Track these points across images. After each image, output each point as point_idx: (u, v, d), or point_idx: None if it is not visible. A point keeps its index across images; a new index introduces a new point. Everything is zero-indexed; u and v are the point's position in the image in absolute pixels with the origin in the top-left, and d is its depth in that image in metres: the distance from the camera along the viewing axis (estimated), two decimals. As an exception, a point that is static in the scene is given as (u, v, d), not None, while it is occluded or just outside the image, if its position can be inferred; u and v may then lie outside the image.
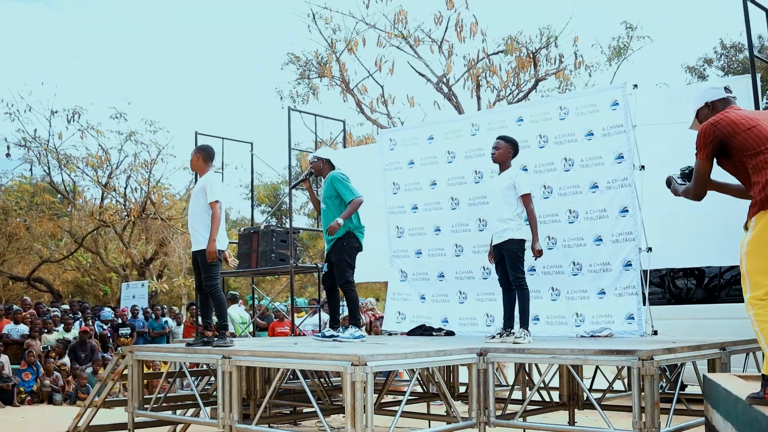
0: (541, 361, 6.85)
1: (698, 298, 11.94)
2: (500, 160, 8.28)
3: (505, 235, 8.06)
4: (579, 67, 15.92)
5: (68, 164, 23.28)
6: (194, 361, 7.72)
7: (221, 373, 6.99)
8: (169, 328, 18.11)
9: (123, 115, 23.09)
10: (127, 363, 8.13)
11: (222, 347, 7.39)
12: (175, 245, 23.18)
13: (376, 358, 6.02)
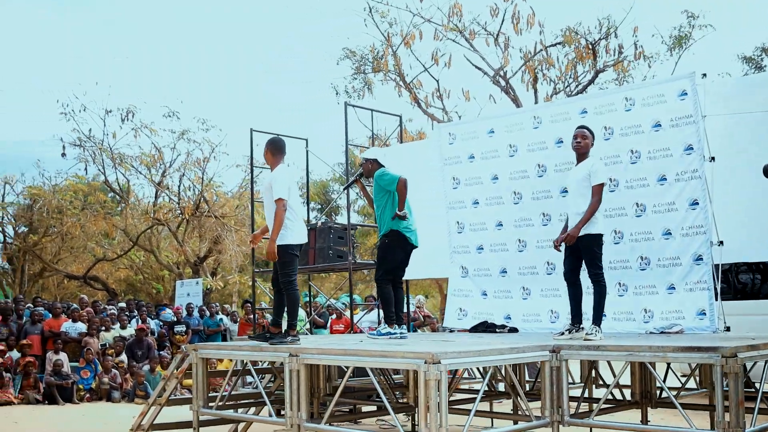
0: (616, 359, 6.66)
1: (766, 293, 11.62)
2: (586, 150, 8.05)
3: (583, 230, 7.81)
4: (639, 57, 15.57)
5: (122, 163, 23.43)
6: (260, 359, 7.66)
7: (288, 371, 6.89)
8: (224, 326, 18.12)
9: (176, 114, 23.23)
10: (191, 361, 8.07)
11: (288, 345, 7.30)
12: (228, 243, 23.21)
13: (449, 356, 5.89)
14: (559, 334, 7.83)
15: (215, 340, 17.69)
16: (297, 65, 69.17)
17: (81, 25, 61.00)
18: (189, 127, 23.87)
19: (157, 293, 28.66)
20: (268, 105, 65.90)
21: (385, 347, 6.59)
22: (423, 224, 10.90)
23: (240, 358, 7.70)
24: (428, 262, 11.38)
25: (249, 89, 69.04)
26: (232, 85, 69.26)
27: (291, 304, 7.90)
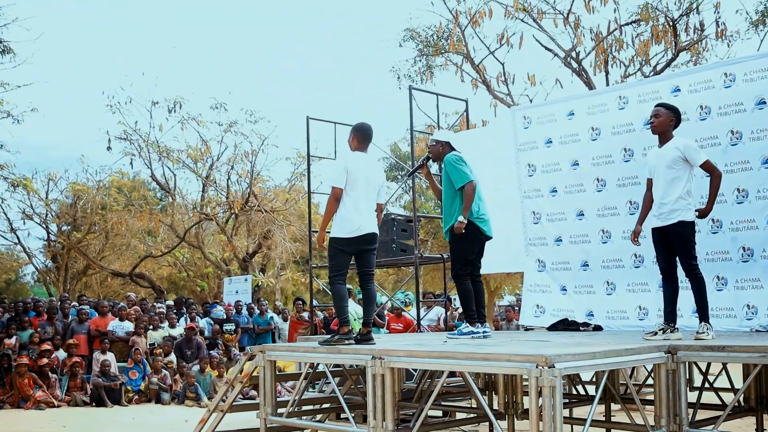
0: (747, 361, 5.86)
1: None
2: (661, 129, 7.20)
3: (673, 217, 6.97)
4: (721, 36, 14.62)
5: (168, 156, 22.85)
6: (338, 362, 6.97)
7: (371, 375, 6.20)
8: (274, 324, 17.51)
9: (223, 105, 22.58)
10: (258, 364, 7.40)
11: (370, 346, 6.61)
12: (279, 238, 22.56)
13: (564, 359, 5.15)
14: (651, 333, 7.01)
15: (265, 339, 17.12)
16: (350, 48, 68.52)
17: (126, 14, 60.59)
18: (237, 119, 23.35)
19: (202, 291, 28.17)
20: (321, 94, 65.31)
21: (491, 349, 5.87)
22: (495, 215, 10.17)
23: (314, 361, 7.02)
24: (501, 256, 10.64)
25: (301, 76, 68.62)
26: (280, 75, 68.88)
27: (335, 301, 7.32)
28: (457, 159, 7.90)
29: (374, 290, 7.43)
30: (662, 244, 7.11)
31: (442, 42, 16.90)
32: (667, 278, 7.17)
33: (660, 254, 7.18)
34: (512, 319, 14.74)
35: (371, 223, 7.30)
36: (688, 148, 7.00)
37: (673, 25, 14.76)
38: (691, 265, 6.94)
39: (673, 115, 7.17)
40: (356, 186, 7.23)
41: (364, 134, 7.52)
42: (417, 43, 17.35)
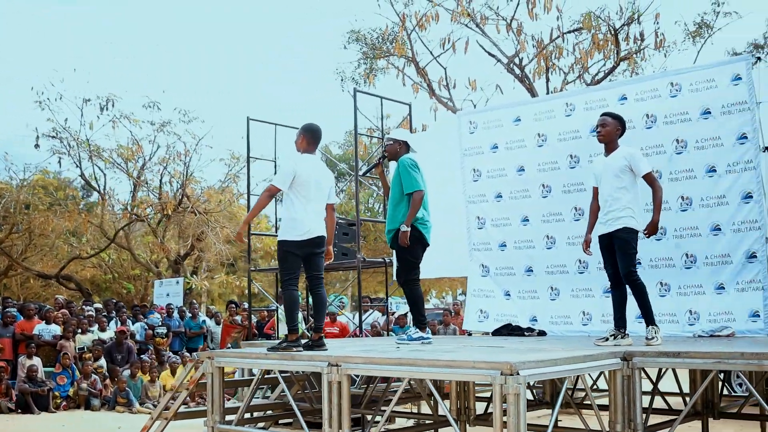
0: (702, 366, 5.94)
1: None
2: (608, 139, 7.26)
3: (619, 223, 7.04)
4: (660, 46, 14.90)
5: (98, 155, 22.21)
6: (292, 368, 6.83)
7: (327, 382, 6.09)
8: (207, 328, 17.19)
9: (156, 104, 22.11)
10: (205, 370, 7.21)
11: (326, 353, 6.49)
12: (212, 240, 22.13)
13: (528, 366, 5.13)
14: (602, 339, 7.09)
15: (197, 342, 16.82)
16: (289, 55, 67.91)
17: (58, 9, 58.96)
18: (170, 118, 22.88)
19: (128, 293, 27.51)
20: (256, 95, 64.56)
21: (448, 356, 5.81)
22: (439, 219, 10.19)
23: (267, 368, 6.86)
24: (444, 261, 10.68)
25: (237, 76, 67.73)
26: (215, 73, 67.85)
27: (286, 306, 7.17)
28: (412, 164, 7.91)
29: (324, 294, 7.30)
30: (609, 251, 7.18)
31: (387, 45, 16.85)
32: (615, 284, 7.23)
33: (607, 261, 7.24)
34: (449, 323, 14.75)
35: (320, 226, 7.17)
36: (634, 157, 7.09)
37: (615, 34, 14.98)
38: (630, 272, 7.01)
39: (619, 124, 7.27)
40: (306, 188, 7.08)
41: (313, 135, 7.37)
42: (362, 46, 17.27)
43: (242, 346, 9.10)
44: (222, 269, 23.49)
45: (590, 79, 15.60)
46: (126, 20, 58.59)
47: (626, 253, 7.06)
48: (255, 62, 68.88)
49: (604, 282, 9.11)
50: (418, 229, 7.95)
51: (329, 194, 7.31)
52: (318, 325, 7.08)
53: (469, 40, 15.78)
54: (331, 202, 7.35)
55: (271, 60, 69.41)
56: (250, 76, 68.41)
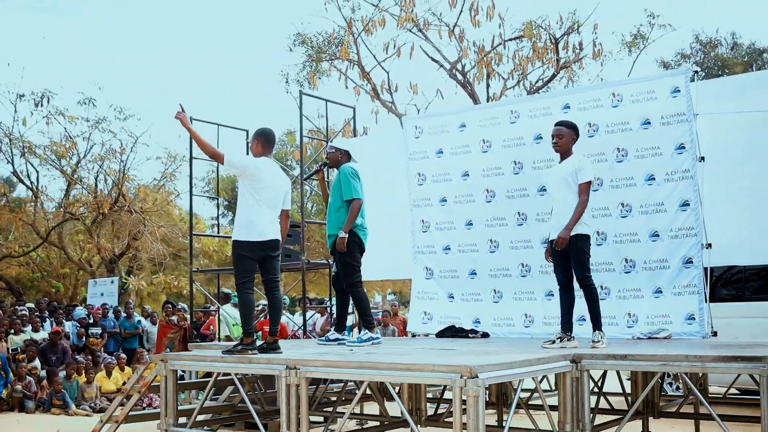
0: (648, 369, 6.18)
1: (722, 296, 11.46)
2: (564, 148, 7.54)
3: None
4: (598, 56, 15.32)
5: (32, 151, 21.68)
6: (250, 371, 6.87)
7: (285, 385, 6.17)
8: (142, 328, 17.01)
9: (92, 101, 21.67)
10: (159, 373, 7.21)
11: (283, 356, 6.57)
12: (149, 239, 21.79)
13: (486, 369, 5.30)
14: (549, 342, 7.32)
15: (132, 343, 16.62)
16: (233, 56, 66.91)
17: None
18: (105, 115, 22.40)
19: (57, 292, 26.92)
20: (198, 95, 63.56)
21: (408, 359, 5.94)
22: (384, 223, 10.41)
23: (224, 371, 6.89)
24: (389, 263, 10.89)
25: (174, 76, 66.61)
26: (155, 71, 66.62)
27: (241, 309, 7.28)
28: (354, 173, 8.18)
29: (280, 298, 7.37)
30: (560, 255, 7.40)
31: (332, 48, 16.91)
32: (565, 288, 7.47)
33: (558, 265, 7.47)
34: (388, 324, 14.90)
35: (275, 230, 7.23)
36: (580, 165, 7.35)
37: (555, 43, 15.32)
38: (585, 276, 7.27)
39: (574, 132, 7.53)
40: (262, 190, 7.14)
41: (266, 138, 7.44)
42: (307, 48, 17.28)
43: (189, 347, 9.06)
44: (159, 269, 23.18)
45: (530, 87, 15.94)
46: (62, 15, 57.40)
47: (580, 259, 7.31)
48: (198, 62, 67.95)
49: (546, 285, 9.46)
50: (358, 234, 8.23)
51: (285, 200, 7.37)
52: (273, 328, 7.15)
53: (414, 46, 16.03)
54: (286, 208, 7.41)
55: (214, 60, 68.59)
56: (193, 75, 67.52)
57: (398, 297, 52.93)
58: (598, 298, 7.42)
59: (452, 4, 15.47)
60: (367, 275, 11.34)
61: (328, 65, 16.85)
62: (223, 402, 8.45)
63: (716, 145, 8.53)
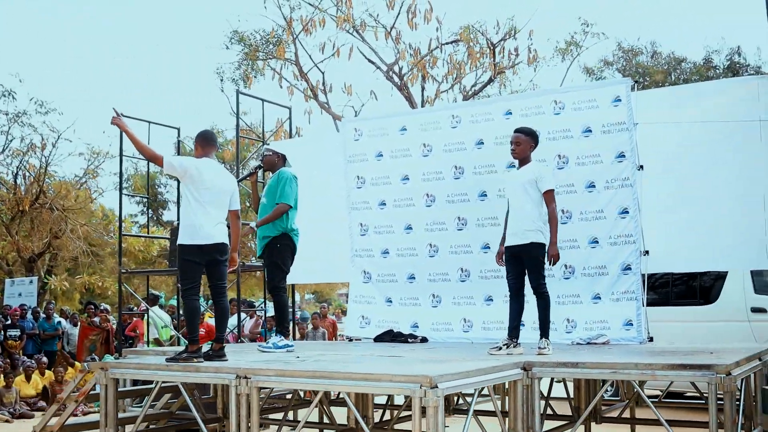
0: (598, 376, 6.26)
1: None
2: (522, 155, 7.60)
3: (528, 237, 7.36)
4: (534, 61, 15.47)
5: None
6: (197, 381, 6.68)
7: (235, 395, 6.03)
8: (63, 329, 16.47)
9: (12, 93, 20.77)
10: (98, 381, 6.97)
11: (230, 365, 6.42)
12: (71, 238, 21.03)
13: (446, 379, 5.27)
14: (496, 348, 7.34)
15: (52, 345, 16.09)
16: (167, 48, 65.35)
17: None
18: (26, 109, 21.49)
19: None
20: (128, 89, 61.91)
21: (364, 368, 5.87)
22: (320, 225, 10.32)
23: (169, 380, 6.69)
24: (325, 266, 10.80)
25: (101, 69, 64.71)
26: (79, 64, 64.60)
27: (186, 316, 7.06)
28: (291, 179, 8.19)
29: (226, 304, 7.20)
30: (514, 262, 7.44)
31: (270, 47, 16.65)
32: (515, 294, 7.51)
33: (511, 271, 7.50)
34: (318, 326, 14.78)
35: (222, 233, 7.04)
36: (541, 173, 7.42)
37: (492, 48, 15.41)
38: (540, 284, 7.33)
39: (532, 139, 7.58)
40: (205, 191, 6.95)
41: (205, 139, 7.29)
42: (243, 47, 16.97)
43: (124, 353, 8.81)
44: (82, 269, 22.47)
45: (465, 91, 16.01)
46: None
47: (536, 267, 7.36)
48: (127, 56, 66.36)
49: (485, 290, 9.52)
50: (292, 239, 8.20)
51: (231, 200, 7.17)
52: (219, 335, 6.98)
53: (353, 47, 15.92)
54: (234, 209, 7.22)
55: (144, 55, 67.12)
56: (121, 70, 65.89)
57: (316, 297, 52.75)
58: (550, 307, 7.50)
59: (390, 6, 15.53)
60: (303, 278, 11.33)
61: (262, 64, 16.64)
62: (160, 409, 8.21)
63: (655, 154, 8.70)
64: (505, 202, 9.14)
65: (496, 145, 9.40)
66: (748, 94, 8.47)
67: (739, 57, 23.97)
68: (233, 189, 7.23)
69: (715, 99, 8.76)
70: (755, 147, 8.32)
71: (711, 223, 8.54)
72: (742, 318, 10.73)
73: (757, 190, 8.31)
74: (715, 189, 8.55)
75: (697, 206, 8.59)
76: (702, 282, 11.33)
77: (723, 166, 8.54)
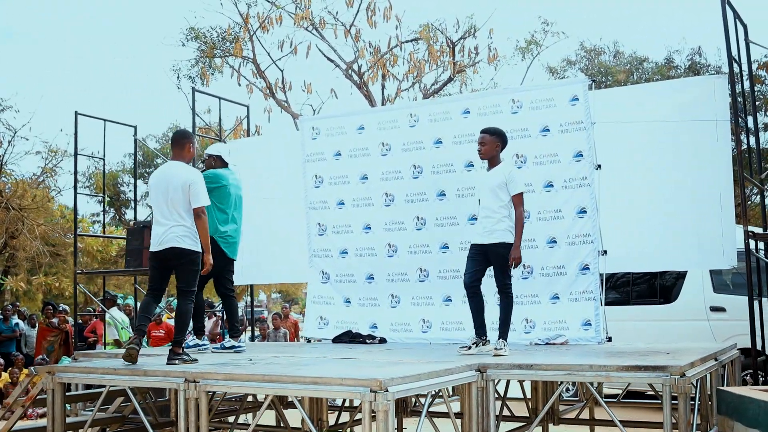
0: (553, 378, 6.21)
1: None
2: (488, 155, 7.55)
3: (495, 237, 7.33)
4: (494, 60, 15.41)
5: None
6: (145, 385, 6.54)
7: (184, 399, 5.90)
8: (20, 331, 16.18)
9: (-33, 91, 20.34)
10: (45, 386, 6.79)
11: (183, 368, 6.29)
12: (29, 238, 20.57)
13: (396, 382, 5.18)
14: (465, 348, 7.31)
15: (9, 347, 15.80)
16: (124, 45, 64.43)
17: None
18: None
19: None
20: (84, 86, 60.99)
21: (313, 372, 5.75)
22: (279, 225, 10.22)
23: (117, 385, 6.54)
24: (284, 266, 10.71)
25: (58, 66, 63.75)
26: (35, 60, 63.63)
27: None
28: (211, 178, 8.06)
29: (186, 308, 6.98)
30: (477, 260, 7.40)
31: (226, 44, 16.44)
32: (473, 292, 7.47)
33: (471, 269, 7.44)
34: (279, 327, 14.66)
35: (174, 237, 6.83)
36: (512, 175, 7.38)
37: (452, 46, 15.33)
38: (506, 284, 7.33)
39: (499, 139, 7.51)
40: (154, 198, 6.94)
41: (171, 142, 7.29)
42: (200, 44, 16.73)
43: (76, 356, 8.64)
44: (39, 269, 22.05)
45: (425, 90, 15.92)
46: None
47: (503, 267, 7.33)
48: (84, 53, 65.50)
49: (445, 290, 9.45)
50: (219, 245, 8.20)
51: (183, 197, 6.83)
52: (176, 338, 6.86)
53: (311, 44, 15.76)
54: (196, 206, 6.86)
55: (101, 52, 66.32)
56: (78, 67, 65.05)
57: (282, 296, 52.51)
58: (512, 308, 7.47)
59: (349, 4, 15.34)
60: (261, 279, 11.23)
61: (220, 62, 16.44)
62: (113, 413, 8.05)
63: (613, 153, 8.67)
64: (464, 201, 9.23)
65: (455, 144, 9.36)
66: (705, 93, 8.47)
67: (700, 57, 24.12)
68: (179, 185, 6.83)
69: (673, 98, 8.76)
70: (712, 146, 8.33)
71: (669, 222, 8.54)
72: (702, 317, 10.80)
73: (713, 190, 8.32)
74: (672, 188, 8.55)
75: (655, 205, 8.59)
76: (662, 281, 11.39)
77: (680, 166, 8.55)
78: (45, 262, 21.08)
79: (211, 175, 8.20)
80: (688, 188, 8.45)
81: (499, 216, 7.34)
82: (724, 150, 8.32)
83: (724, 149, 8.32)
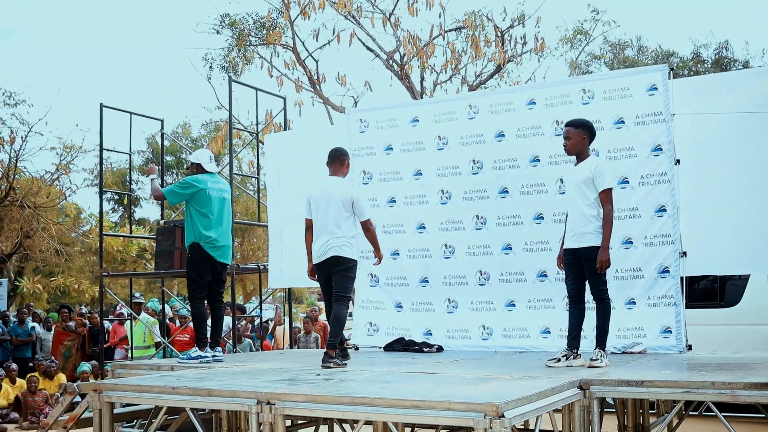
0: (669, 397, 5.55)
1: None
2: (574, 150, 6.90)
3: (585, 240, 6.68)
4: (542, 49, 14.72)
5: None
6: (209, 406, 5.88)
7: (256, 423, 5.25)
8: (36, 335, 15.50)
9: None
10: (91, 405, 6.14)
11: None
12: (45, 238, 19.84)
13: (511, 406, 4.54)
14: (554, 360, 6.68)
15: (24, 351, 15.14)
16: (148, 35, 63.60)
17: None
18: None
19: None
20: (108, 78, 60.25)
21: (419, 394, 5.09)
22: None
23: (177, 405, 5.86)
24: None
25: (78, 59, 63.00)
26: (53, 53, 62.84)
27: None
28: (187, 180, 8.23)
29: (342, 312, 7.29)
30: (572, 266, 6.79)
31: (263, 32, 15.71)
32: (575, 301, 6.89)
33: (569, 276, 6.85)
34: (310, 331, 14.01)
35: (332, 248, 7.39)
36: (598, 169, 6.72)
37: (501, 35, 14.67)
38: (601, 290, 6.73)
39: (586, 131, 6.87)
40: (314, 212, 7.43)
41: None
42: (233, 32, 15.99)
43: (113, 367, 8.01)
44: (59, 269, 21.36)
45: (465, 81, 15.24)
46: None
47: (596, 272, 6.69)
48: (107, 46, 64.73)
49: (507, 295, 8.87)
50: (202, 248, 8.10)
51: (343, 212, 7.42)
52: (331, 341, 7.19)
53: (354, 32, 15.04)
54: (362, 219, 7.59)
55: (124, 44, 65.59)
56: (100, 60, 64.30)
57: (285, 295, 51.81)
58: (610, 314, 6.82)
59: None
60: (299, 281, 10.57)
61: (250, 52, 15.72)
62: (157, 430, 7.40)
63: (691, 147, 8.04)
64: (529, 199, 8.62)
65: (518, 137, 8.76)
66: None
67: (727, 51, 23.51)
68: (342, 199, 7.43)
69: (755, 87, 8.09)
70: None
71: (752, 222, 7.87)
72: (765, 321, 10.17)
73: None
74: (756, 185, 7.89)
75: (737, 203, 7.92)
76: (722, 283, 10.77)
77: (764, 160, 7.88)
78: (61, 262, 20.40)
79: (189, 180, 8.23)
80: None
81: (587, 216, 6.68)
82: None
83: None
